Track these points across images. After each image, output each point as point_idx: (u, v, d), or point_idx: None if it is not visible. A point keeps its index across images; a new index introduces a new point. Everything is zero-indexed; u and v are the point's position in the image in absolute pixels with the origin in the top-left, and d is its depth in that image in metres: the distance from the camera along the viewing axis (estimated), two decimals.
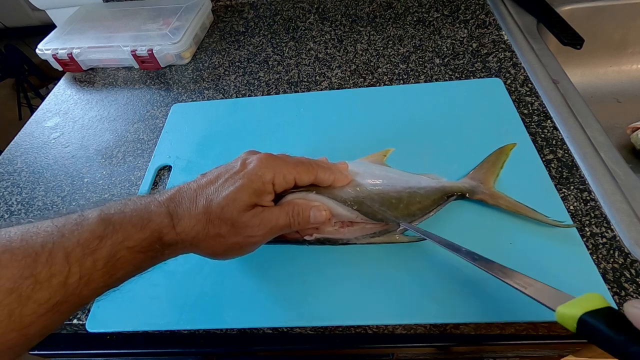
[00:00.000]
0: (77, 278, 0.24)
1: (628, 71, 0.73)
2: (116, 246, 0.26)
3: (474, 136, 0.46)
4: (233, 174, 0.32)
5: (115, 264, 0.26)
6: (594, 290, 0.33)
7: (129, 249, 0.26)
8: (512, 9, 0.67)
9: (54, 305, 0.23)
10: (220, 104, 0.57)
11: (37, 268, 0.23)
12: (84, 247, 0.25)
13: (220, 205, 0.30)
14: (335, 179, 0.35)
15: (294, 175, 0.33)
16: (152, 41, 0.65)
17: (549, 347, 0.43)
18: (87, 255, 0.25)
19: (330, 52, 0.64)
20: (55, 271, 0.23)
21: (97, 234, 0.25)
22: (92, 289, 0.25)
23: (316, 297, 0.36)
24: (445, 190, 0.39)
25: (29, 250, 0.23)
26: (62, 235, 0.24)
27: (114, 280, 0.27)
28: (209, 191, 0.31)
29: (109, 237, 0.26)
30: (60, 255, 0.24)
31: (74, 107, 0.63)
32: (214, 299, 0.37)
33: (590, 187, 0.41)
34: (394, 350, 0.43)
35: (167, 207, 0.29)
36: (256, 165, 0.32)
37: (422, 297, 0.34)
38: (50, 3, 0.79)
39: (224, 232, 0.30)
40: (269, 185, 0.32)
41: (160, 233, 0.28)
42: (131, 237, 0.27)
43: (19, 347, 0.23)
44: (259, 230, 0.31)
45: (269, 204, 0.33)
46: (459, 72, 0.56)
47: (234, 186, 0.30)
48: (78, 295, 0.24)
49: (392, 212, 0.36)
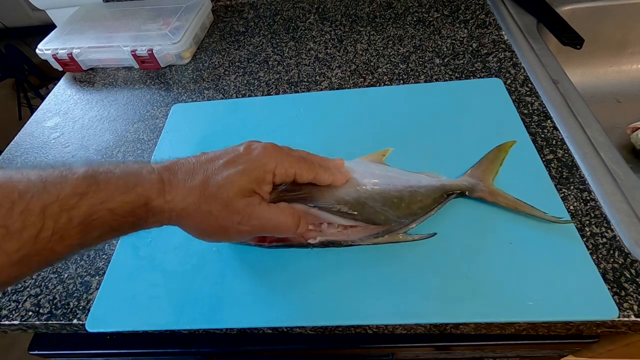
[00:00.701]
0: (50, 233, 0.24)
1: (628, 71, 0.73)
2: (96, 206, 0.25)
3: (473, 136, 0.46)
4: (236, 156, 0.31)
5: (92, 223, 0.25)
6: (594, 291, 0.33)
7: (109, 210, 0.26)
8: (512, 9, 0.67)
9: (23, 257, 0.23)
10: (220, 104, 0.57)
11: (11, 218, 0.22)
12: (63, 203, 0.24)
13: (218, 184, 0.29)
14: (334, 179, 0.35)
15: (296, 169, 0.33)
16: (152, 41, 0.65)
17: (549, 347, 0.43)
18: (64, 212, 0.24)
19: (330, 52, 0.64)
20: (28, 223, 0.23)
21: (79, 191, 0.25)
22: (65, 245, 0.25)
23: (316, 297, 0.36)
24: (445, 189, 0.39)
25: (6, 199, 0.23)
26: (44, 187, 0.24)
27: (90, 239, 0.26)
28: (208, 168, 0.30)
29: (90, 195, 0.25)
30: (36, 209, 0.23)
31: (74, 107, 0.63)
32: (214, 299, 0.37)
33: (590, 187, 0.41)
34: (394, 350, 0.43)
35: (160, 174, 0.29)
36: (260, 153, 0.32)
37: (422, 297, 0.34)
38: (50, 3, 0.79)
39: (215, 212, 0.29)
40: (270, 175, 0.31)
41: (147, 199, 0.28)
42: (113, 199, 0.26)
43: None
44: (249, 221, 0.30)
45: (266, 196, 0.32)
46: (459, 72, 0.56)
47: (235, 169, 0.30)
48: (50, 250, 0.24)
49: (394, 211, 0.36)
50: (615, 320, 0.32)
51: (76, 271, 0.42)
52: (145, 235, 0.42)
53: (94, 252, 0.43)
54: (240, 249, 0.40)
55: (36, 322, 0.38)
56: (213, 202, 0.29)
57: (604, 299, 0.32)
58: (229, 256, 0.40)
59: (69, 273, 0.42)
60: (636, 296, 0.33)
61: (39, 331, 0.41)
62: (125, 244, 0.42)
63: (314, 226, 0.37)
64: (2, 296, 0.41)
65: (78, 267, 0.42)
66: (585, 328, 0.34)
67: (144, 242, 0.42)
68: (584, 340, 0.40)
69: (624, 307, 0.33)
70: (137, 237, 0.42)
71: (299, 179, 0.34)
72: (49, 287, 0.41)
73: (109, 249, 0.43)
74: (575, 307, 0.32)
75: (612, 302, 0.32)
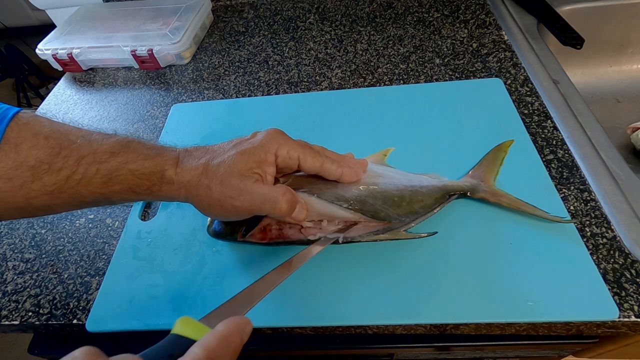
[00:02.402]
0: (79, 177, 0.30)
1: (628, 71, 0.72)
2: (121, 164, 0.31)
3: (474, 136, 0.46)
4: (242, 140, 0.34)
5: (114, 178, 0.31)
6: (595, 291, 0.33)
7: (130, 170, 0.31)
8: (512, 9, 0.67)
9: (55, 190, 0.30)
10: (220, 104, 0.57)
11: (56, 159, 0.29)
12: (96, 157, 0.30)
13: (220, 161, 0.32)
14: (342, 173, 0.35)
15: (299, 153, 0.34)
16: (152, 41, 0.65)
17: (549, 347, 0.43)
18: (95, 164, 0.30)
19: (330, 52, 0.64)
20: (66, 166, 0.30)
21: (112, 151, 0.31)
22: (89, 190, 0.31)
23: (316, 297, 0.36)
24: (447, 189, 0.39)
25: (57, 144, 0.30)
26: (88, 142, 0.31)
27: (110, 192, 0.31)
28: (216, 150, 0.34)
29: (119, 155, 0.31)
30: (75, 156, 0.30)
31: (74, 107, 0.63)
32: (213, 299, 0.37)
33: (590, 187, 0.40)
34: (394, 350, 0.43)
35: (179, 153, 0.34)
36: (264, 136, 0.34)
37: (422, 297, 0.34)
38: (50, 3, 0.79)
39: (213, 186, 0.32)
40: (271, 155, 0.33)
41: (162, 168, 0.32)
42: (135, 162, 0.31)
43: (24, 210, 0.30)
44: (241, 196, 0.31)
45: (267, 177, 0.33)
46: (459, 72, 0.56)
47: (237, 149, 0.33)
48: (77, 191, 0.30)
49: (394, 210, 0.36)
50: (616, 320, 0.32)
51: (76, 271, 0.42)
52: (145, 236, 0.43)
53: (94, 252, 0.43)
54: (240, 248, 0.40)
55: (36, 322, 0.38)
56: (213, 177, 0.32)
57: (604, 299, 0.32)
58: (228, 256, 0.40)
59: (69, 273, 0.42)
60: (636, 296, 0.33)
61: (39, 331, 0.41)
62: (125, 245, 0.42)
63: (314, 223, 0.37)
64: (2, 296, 0.41)
65: (78, 267, 0.42)
66: (585, 328, 0.34)
67: (143, 243, 0.42)
68: (584, 341, 0.40)
69: (624, 307, 0.33)
70: (137, 238, 0.42)
71: (303, 164, 0.34)
72: (48, 287, 0.41)
73: (108, 249, 0.43)
74: (576, 307, 0.32)
75: (612, 302, 0.32)
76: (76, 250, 0.44)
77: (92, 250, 0.43)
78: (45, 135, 0.30)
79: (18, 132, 0.29)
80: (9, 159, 0.28)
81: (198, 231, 0.42)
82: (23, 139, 0.29)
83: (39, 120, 0.31)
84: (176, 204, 0.45)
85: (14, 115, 0.30)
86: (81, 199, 0.31)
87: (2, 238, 0.46)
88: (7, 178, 0.28)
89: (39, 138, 0.29)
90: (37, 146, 0.29)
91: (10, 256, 0.44)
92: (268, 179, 0.33)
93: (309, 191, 0.36)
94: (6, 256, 0.44)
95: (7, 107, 0.30)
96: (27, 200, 0.29)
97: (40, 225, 0.47)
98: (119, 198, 0.32)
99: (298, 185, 0.36)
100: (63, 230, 0.46)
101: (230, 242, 0.40)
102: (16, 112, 0.30)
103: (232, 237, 0.38)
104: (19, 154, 0.29)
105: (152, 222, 0.44)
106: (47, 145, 0.29)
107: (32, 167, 0.29)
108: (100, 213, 0.47)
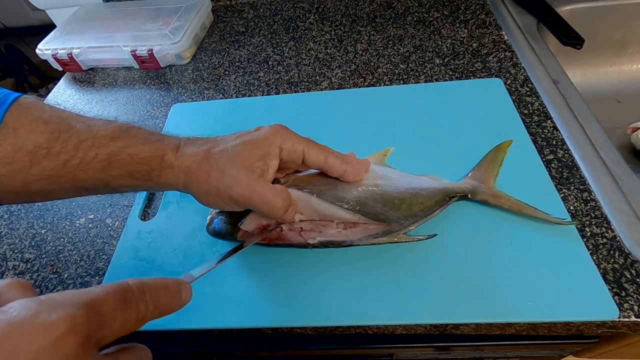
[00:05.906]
0: (78, 162, 0.30)
1: (628, 71, 0.72)
2: (120, 149, 0.31)
3: (474, 136, 0.46)
4: (245, 133, 0.34)
5: (113, 162, 0.31)
6: (595, 291, 0.33)
7: (129, 154, 0.31)
8: (512, 9, 0.67)
9: (52, 174, 0.29)
10: (220, 104, 0.57)
11: (54, 144, 0.29)
12: (96, 142, 0.30)
13: (220, 151, 0.32)
14: (346, 170, 0.35)
15: (304, 146, 0.33)
16: (152, 41, 0.65)
17: (549, 348, 0.43)
18: (94, 148, 0.30)
19: (330, 52, 0.64)
20: (64, 150, 0.29)
21: (111, 136, 0.31)
22: (88, 175, 0.30)
23: (316, 297, 0.36)
24: (447, 191, 0.39)
25: (56, 128, 0.30)
26: (88, 127, 0.31)
27: (109, 177, 0.31)
28: (219, 139, 0.34)
29: (119, 140, 0.31)
30: (73, 141, 0.30)
31: (74, 107, 0.63)
32: (214, 299, 0.37)
33: (590, 187, 0.40)
34: (394, 350, 0.43)
35: (180, 139, 0.34)
36: (268, 130, 0.34)
37: (422, 298, 0.34)
38: (50, 3, 0.79)
39: (212, 173, 0.31)
40: (276, 148, 0.32)
41: (162, 152, 0.32)
42: (135, 146, 0.31)
43: (23, 194, 0.30)
44: (239, 187, 0.31)
45: (269, 171, 0.32)
46: (459, 72, 0.56)
47: (240, 140, 0.33)
48: (74, 175, 0.30)
49: (394, 212, 0.36)
50: (616, 320, 0.32)
51: (76, 271, 0.42)
52: (145, 236, 0.42)
53: (94, 252, 0.43)
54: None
55: None
56: (214, 164, 0.32)
57: (605, 300, 0.32)
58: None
59: (69, 273, 0.42)
60: (636, 296, 0.33)
61: None
62: (125, 245, 0.42)
63: (313, 226, 0.37)
64: None
65: (78, 267, 0.42)
66: (585, 328, 0.34)
67: (143, 243, 0.42)
68: (584, 341, 0.40)
69: (624, 307, 0.33)
70: (137, 238, 0.42)
71: (307, 157, 0.34)
72: (49, 287, 0.41)
73: (108, 250, 0.43)
74: (576, 307, 0.32)
75: (612, 302, 0.32)
76: (76, 251, 0.44)
77: (92, 250, 0.43)
78: (45, 120, 0.30)
79: (18, 117, 0.29)
80: (7, 144, 0.28)
81: (198, 231, 0.42)
82: (22, 124, 0.29)
83: (39, 106, 0.31)
84: (176, 204, 0.45)
85: (15, 99, 0.30)
86: (80, 184, 0.31)
87: (2, 238, 0.46)
88: (6, 162, 0.28)
89: (38, 123, 0.29)
90: (36, 131, 0.29)
91: (10, 256, 0.44)
92: (270, 173, 0.33)
93: (309, 191, 0.36)
94: (6, 256, 0.44)
95: (8, 92, 0.30)
96: (26, 185, 0.29)
97: (40, 225, 0.47)
98: (117, 184, 0.32)
99: (298, 185, 0.36)
100: (63, 230, 0.46)
101: (230, 241, 0.40)
102: (17, 97, 0.30)
103: (231, 237, 0.38)
104: (17, 138, 0.28)
105: (152, 222, 0.44)
106: (47, 130, 0.29)
107: (31, 151, 0.29)
108: (100, 213, 0.47)
